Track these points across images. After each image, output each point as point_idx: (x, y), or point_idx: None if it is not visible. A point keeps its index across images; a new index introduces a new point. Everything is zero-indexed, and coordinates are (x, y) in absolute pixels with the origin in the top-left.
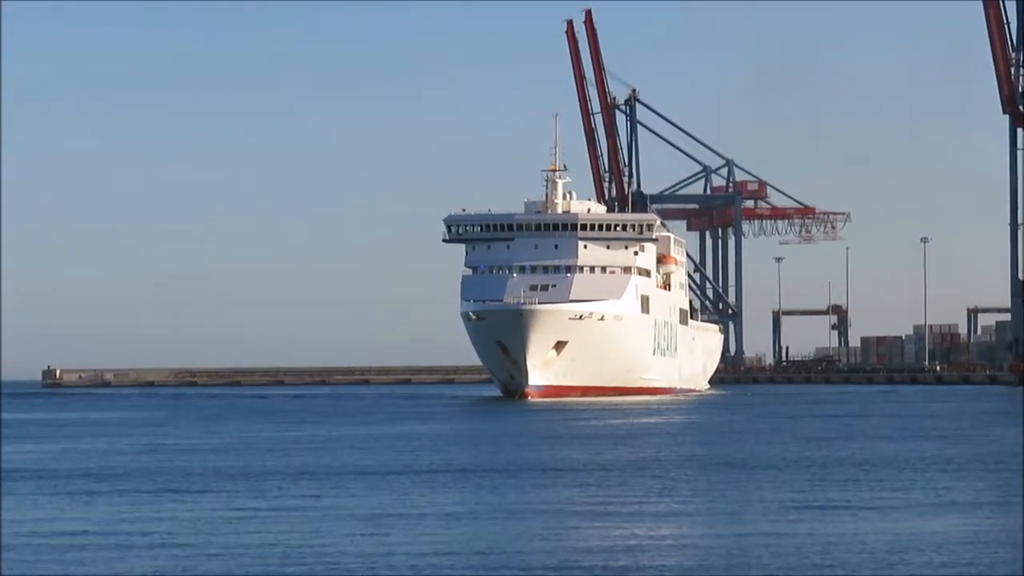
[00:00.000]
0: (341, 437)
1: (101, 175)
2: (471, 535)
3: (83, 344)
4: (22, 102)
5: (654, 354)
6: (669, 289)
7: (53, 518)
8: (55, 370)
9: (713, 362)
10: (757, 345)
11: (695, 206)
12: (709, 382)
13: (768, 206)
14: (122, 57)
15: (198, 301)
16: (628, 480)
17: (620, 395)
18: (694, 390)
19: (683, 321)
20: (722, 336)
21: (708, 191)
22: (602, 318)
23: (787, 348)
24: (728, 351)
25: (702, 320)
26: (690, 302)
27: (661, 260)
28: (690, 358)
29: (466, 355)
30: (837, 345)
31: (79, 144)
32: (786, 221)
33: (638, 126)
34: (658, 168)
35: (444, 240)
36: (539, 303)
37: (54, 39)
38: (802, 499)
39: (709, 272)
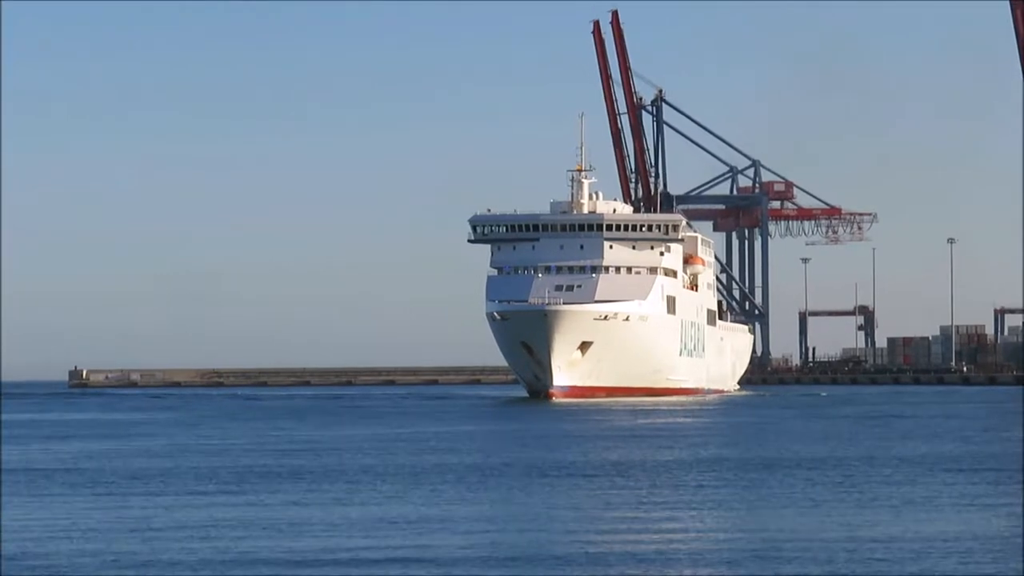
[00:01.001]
0: (364, 437)
1: (127, 175)
2: (502, 536)
3: (109, 344)
4: (58, 101)
5: (681, 355)
6: (696, 290)
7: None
8: (82, 370)
9: (743, 363)
10: (784, 346)
11: (721, 207)
12: (739, 383)
13: (794, 207)
14: (144, 58)
15: (224, 301)
16: (655, 480)
17: (646, 396)
18: (723, 391)
19: (711, 321)
20: (752, 336)
21: (734, 192)
22: (627, 318)
23: (814, 349)
24: (755, 352)
25: (732, 321)
26: (719, 303)
27: (688, 261)
28: (718, 359)
29: (493, 356)
30: (864, 346)
31: (108, 143)
32: (812, 222)
33: (664, 127)
34: (684, 169)
35: (469, 240)
36: (564, 303)
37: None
38: (837, 498)
39: (735, 273)
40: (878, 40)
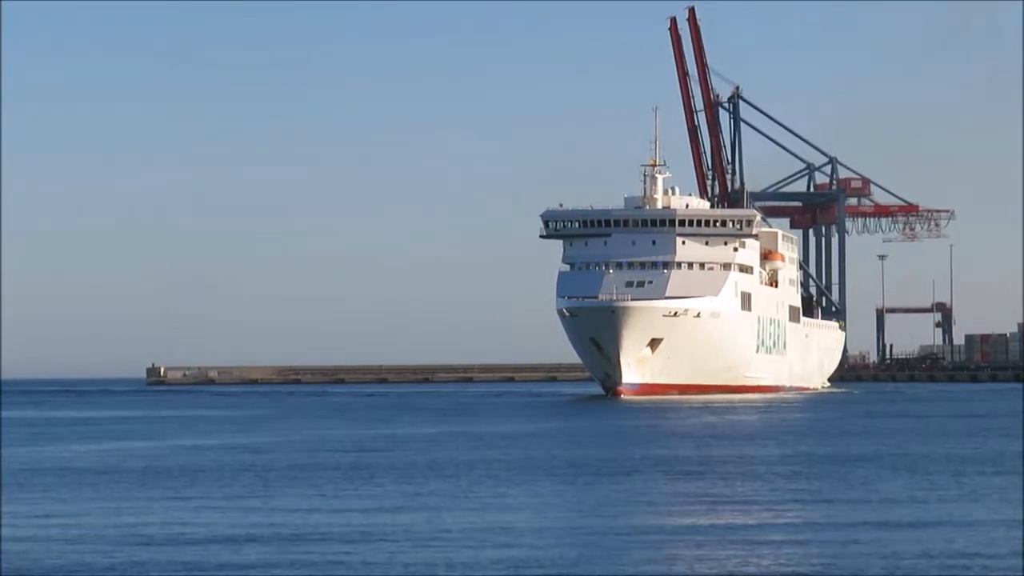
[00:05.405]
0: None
1: (214, 175)
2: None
3: (187, 342)
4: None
5: (758, 352)
6: (776, 286)
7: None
8: (159, 368)
9: (832, 360)
10: (861, 343)
11: (798, 204)
12: (829, 380)
13: (872, 204)
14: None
15: (302, 299)
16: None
17: (722, 393)
18: (808, 388)
19: (794, 318)
20: (843, 333)
21: (811, 189)
22: (698, 315)
23: (891, 346)
24: None
25: (822, 318)
26: (806, 299)
27: (767, 256)
28: (803, 356)
29: (569, 353)
30: (941, 343)
31: (189, 143)
32: (890, 219)
33: (741, 123)
34: (761, 166)
35: (541, 236)
36: (633, 300)
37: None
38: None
39: (812, 270)
40: (952, 37)
